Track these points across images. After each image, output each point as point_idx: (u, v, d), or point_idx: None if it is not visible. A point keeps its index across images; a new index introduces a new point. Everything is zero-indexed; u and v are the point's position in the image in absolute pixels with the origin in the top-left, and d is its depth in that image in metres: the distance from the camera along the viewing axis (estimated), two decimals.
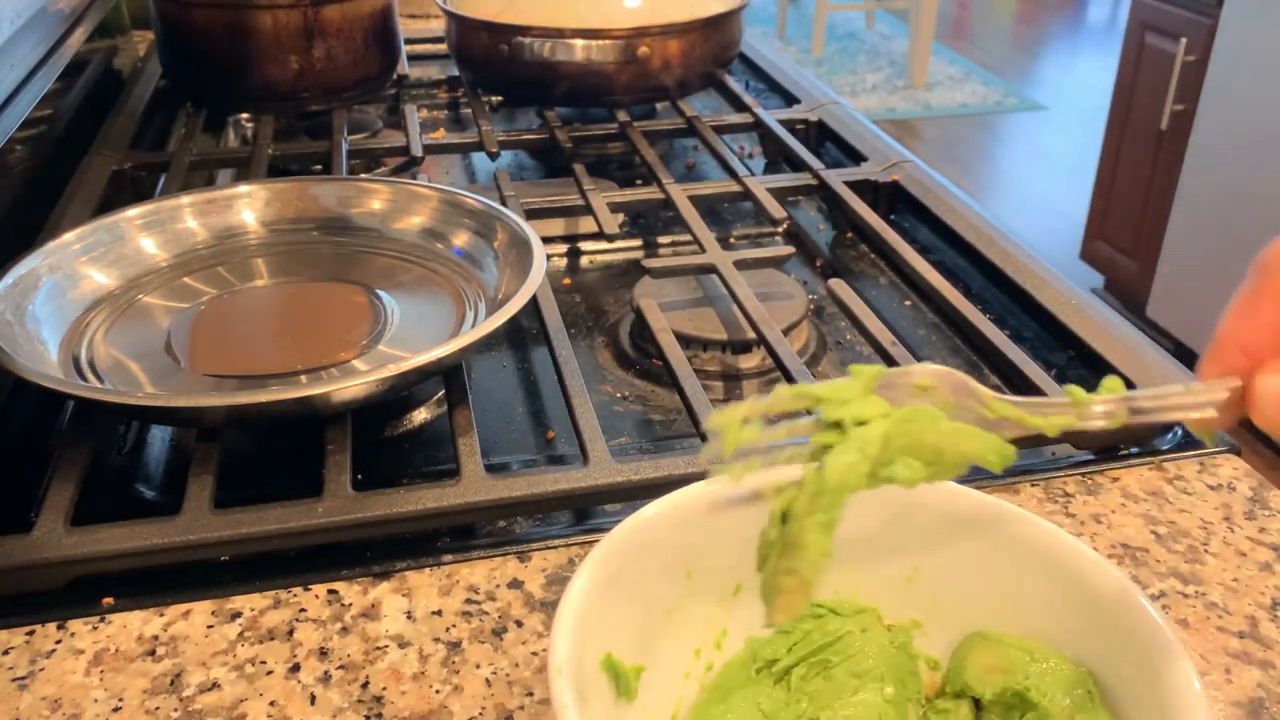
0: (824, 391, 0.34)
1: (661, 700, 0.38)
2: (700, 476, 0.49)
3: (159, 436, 0.59)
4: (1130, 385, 0.34)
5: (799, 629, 0.40)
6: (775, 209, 0.77)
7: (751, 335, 0.63)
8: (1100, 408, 0.34)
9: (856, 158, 0.89)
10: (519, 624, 0.45)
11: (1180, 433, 0.56)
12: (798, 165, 0.86)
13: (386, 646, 0.44)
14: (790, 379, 0.57)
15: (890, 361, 0.59)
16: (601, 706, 0.35)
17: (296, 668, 0.43)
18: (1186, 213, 2.22)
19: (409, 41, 1.18)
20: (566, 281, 0.77)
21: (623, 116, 0.93)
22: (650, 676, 0.37)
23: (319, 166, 0.88)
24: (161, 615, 0.45)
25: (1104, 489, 0.53)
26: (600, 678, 0.35)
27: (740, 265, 0.68)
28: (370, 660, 0.43)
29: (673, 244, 0.83)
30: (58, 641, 0.44)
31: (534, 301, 0.61)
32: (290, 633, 0.44)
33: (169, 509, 0.47)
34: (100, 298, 0.62)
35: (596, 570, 0.35)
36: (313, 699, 0.41)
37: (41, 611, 0.45)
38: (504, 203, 0.76)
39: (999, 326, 0.63)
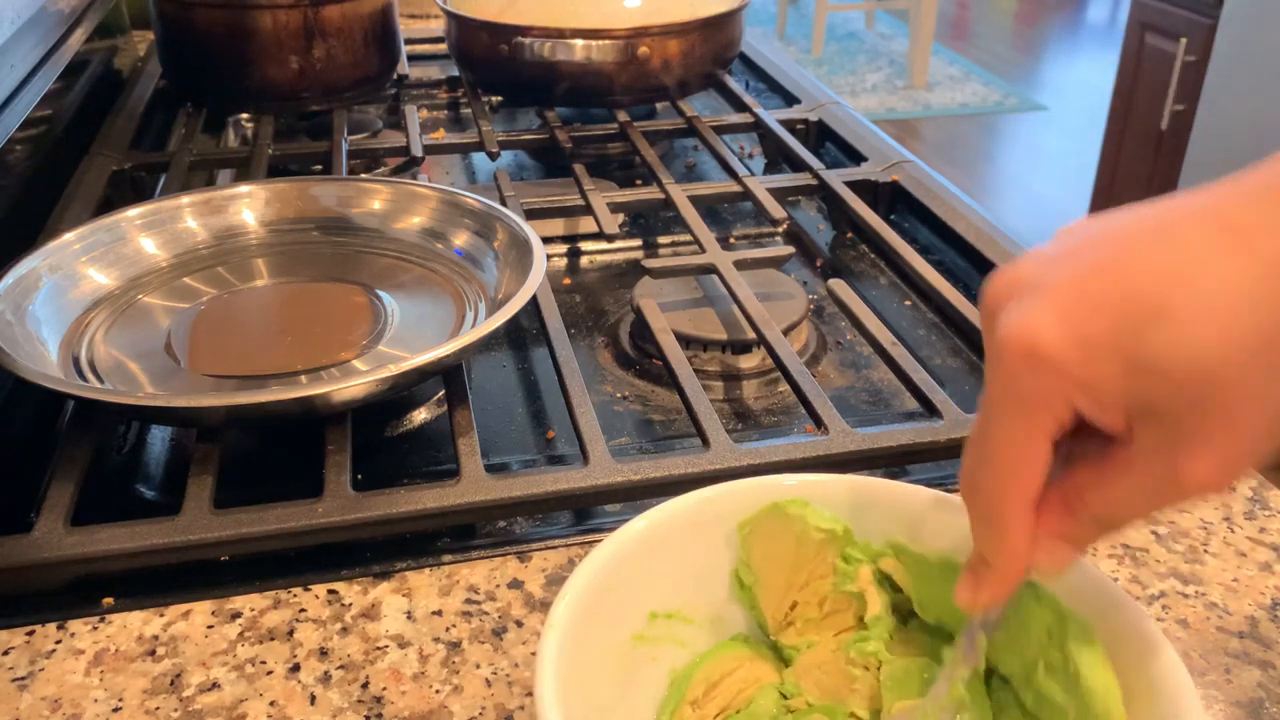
0: None
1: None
2: (698, 478, 0.49)
3: (159, 436, 0.59)
4: None
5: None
6: (775, 209, 0.77)
7: (751, 335, 0.63)
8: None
9: (856, 158, 0.89)
10: (519, 624, 0.45)
11: None
12: (798, 165, 0.86)
13: (386, 646, 0.44)
14: (790, 379, 0.57)
15: (891, 362, 0.59)
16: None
17: (296, 668, 0.43)
18: None
19: (409, 41, 1.18)
20: (566, 281, 0.77)
21: (623, 116, 0.93)
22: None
23: (319, 166, 0.88)
24: (161, 615, 0.45)
25: None
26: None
27: (740, 265, 0.68)
28: (370, 660, 0.43)
29: (673, 244, 0.83)
30: (58, 641, 0.44)
31: (534, 301, 0.61)
32: (290, 633, 0.44)
33: (169, 509, 0.47)
34: (100, 298, 0.62)
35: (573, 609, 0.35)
36: (313, 699, 0.41)
37: (41, 611, 0.45)
38: (504, 203, 0.76)
39: None
